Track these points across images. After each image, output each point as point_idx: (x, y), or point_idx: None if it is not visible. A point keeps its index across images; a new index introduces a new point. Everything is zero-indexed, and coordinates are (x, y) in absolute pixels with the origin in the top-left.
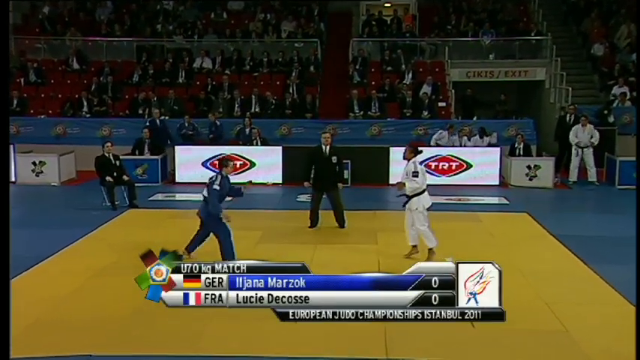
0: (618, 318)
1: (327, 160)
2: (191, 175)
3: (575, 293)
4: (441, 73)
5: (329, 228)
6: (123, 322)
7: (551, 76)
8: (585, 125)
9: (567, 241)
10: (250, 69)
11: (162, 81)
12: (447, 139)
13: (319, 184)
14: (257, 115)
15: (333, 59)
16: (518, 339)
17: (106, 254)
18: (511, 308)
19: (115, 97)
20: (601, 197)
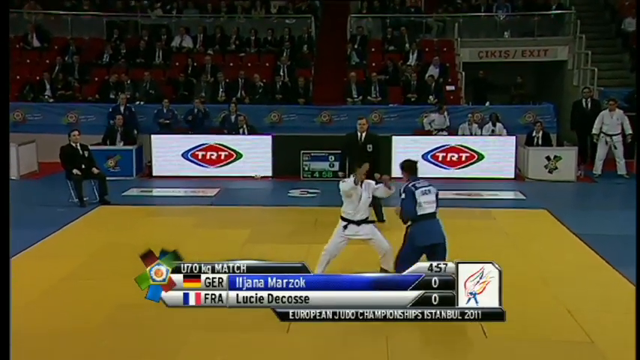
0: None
1: (362, 149)
2: (170, 168)
3: (600, 299)
4: (449, 53)
5: (324, 225)
6: (91, 333)
7: (575, 55)
8: (613, 110)
9: (591, 241)
10: (236, 49)
11: (136, 62)
12: (440, 121)
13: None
14: (244, 101)
15: (329, 38)
16: (537, 350)
17: (73, 257)
18: (529, 315)
19: (82, 80)
20: (630, 192)
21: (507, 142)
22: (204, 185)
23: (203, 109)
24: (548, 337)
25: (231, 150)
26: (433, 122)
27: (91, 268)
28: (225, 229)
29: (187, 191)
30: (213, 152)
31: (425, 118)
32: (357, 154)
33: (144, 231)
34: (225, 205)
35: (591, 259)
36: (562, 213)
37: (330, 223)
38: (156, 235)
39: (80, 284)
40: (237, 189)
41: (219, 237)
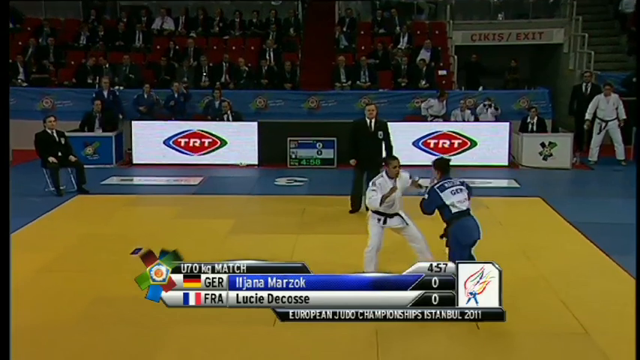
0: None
1: (373, 136)
2: (151, 156)
3: (596, 290)
4: (441, 36)
5: (311, 215)
6: (68, 327)
7: (571, 38)
8: (609, 95)
9: (588, 230)
10: (220, 32)
11: (115, 44)
12: (438, 108)
13: (364, 163)
14: (228, 86)
15: (317, 21)
16: (531, 342)
17: (50, 249)
18: (522, 306)
19: (58, 63)
20: (627, 179)
21: (501, 129)
22: (187, 174)
23: (185, 89)
24: (542, 329)
25: (215, 137)
26: (431, 108)
27: (68, 260)
28: (209, 219)
29: (169, 180)
30: (197, 139)
31: (423, 103)
32: (368, 143)
33: (124, 221)
34: (208, 195)
35: (587, 248)
36: (557, 201)
37: (318, 212)
38: (136, 225)
39: (56, 277)
40: (222, 177)
41: (203, 227)
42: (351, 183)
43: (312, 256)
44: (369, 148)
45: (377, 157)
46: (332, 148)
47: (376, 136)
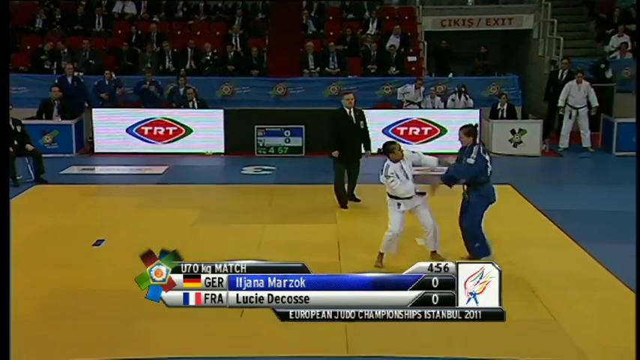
0: (614, 305)
1: (355, 127)
2: (114, 144)
3: (565, 278)
4: (411, 21)
5: (279, 204)
6: (24, 322)
7: (540, 24)
8: (581, 82)
9: (556, 216)
10: (184, 16)
11: (73, 28)
12: (414, 95)
13: (346, 153)
14: (193, 72)
15: (284, 5)
16: (500, 329)
17: None
18: None
19: (12, 48)
20: (596, 166)
21: (471, 115)
22: (151, 163)
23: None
24: (512, 316)
25: (180, 125)
26: (407, 94)
27: (26, 253)
28: (174, 209)
29: (133, 169)
30: (161, 127)
31: (399, 88)
32: (350, 132)
33: (84, 212)
34: (173, 184)
35: (556, 235)
36: (527, 188)
37: (286, 202)
38: (97, 216)
39: (14, 271)
40: (187, 166)
41: (167, 217)
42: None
43: (280, 246)
44: (352, 139)
45: (359, 147)
46: (300, 136)
47: (358, 127)
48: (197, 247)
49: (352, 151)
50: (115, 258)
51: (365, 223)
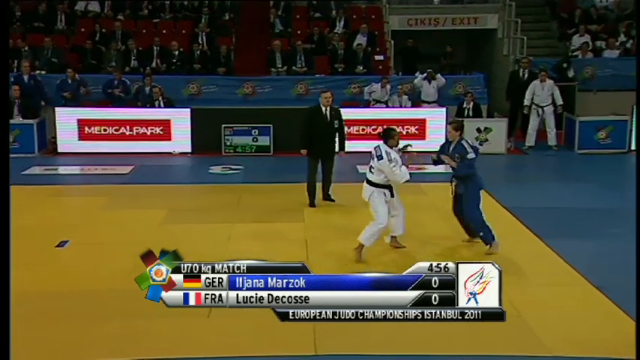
0: (576, 300)
1: (330, 125)
2: (78, 144)
3: (529, 273)
4: (378, 20)
5: (247, 203)
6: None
7: (505, 23)
8: (544, 81)
9: (521, 214)
10: (149, 14)
11: (34, 26)
12: (380, 93)
13: (319, 151)
14: (159, 71)
15: (251, 4)
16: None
17: None
18: None
19: None
20: (559, 164)
21: (438, 114)
22: (117, 162)
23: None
24: None
25: (146, 124)
26: (374, 93)
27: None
28: (140, 209)
29: (98, 169)
30: (127, 127)
31: (366, 87)
32: (324, 130)
33: (47, 213)
34: (139, 184)
35: (520, 232)
36: (492, 186)
37: (253, 201)
38: (61, 217)
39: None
40: (153, 166)
41: (133, 218)
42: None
43: (248, 245)
44: (325, 137)
45: (332, 145)
46: (268, 135)
47: (332, 125)
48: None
49: (325, 149)
50: (79, 259)
51: (333, 221)
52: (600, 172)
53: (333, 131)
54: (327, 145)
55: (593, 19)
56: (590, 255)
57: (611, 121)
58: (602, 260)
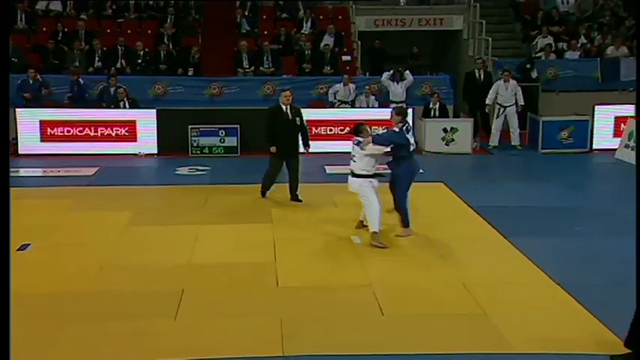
0: (540, 298)
1: (292, 123)
2: (40, 146)
3: (494, 272)
4: (345, 21)
5: (215, 204)
6: None
7: (470, 24)
8: (508, 81)
9: (486, 213)
10: (113, 14)
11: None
12: (344, 93)
13: (282, 150)
14: (124, 71)
15: (217, 4)
16: (432, 325)
17: None
18: (425, 290)
19: None
20: (523, 163)
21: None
22: (81, 164)
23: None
24: (443, 311)
25: (111, 125)
26: (337, 93)
27: None
28: (105, 211)
29: (61, 171)
30: (91, 127)
31: (330, 89)
32: (286, 128)
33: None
34: (104, 185)
35: (486, 231)
36: (458, 186)
37: (221, 202)
38: (23, 220)
39: None
40: (119, 168)
41: (98, 220)
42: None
43: (215, 247)
44: (288, 136)
45: (295, 144)
46: (235, 136)
47: (294, 123)
48: (130, 249)
49: (288, 148)
50: (41, 262)
51: (301, 221)
52: (563, 171)
53: (295, 129)
54: (290, 144)
55: (554, 21)
56: (554, 253)
57: (573, 121)
58: (565, 258)
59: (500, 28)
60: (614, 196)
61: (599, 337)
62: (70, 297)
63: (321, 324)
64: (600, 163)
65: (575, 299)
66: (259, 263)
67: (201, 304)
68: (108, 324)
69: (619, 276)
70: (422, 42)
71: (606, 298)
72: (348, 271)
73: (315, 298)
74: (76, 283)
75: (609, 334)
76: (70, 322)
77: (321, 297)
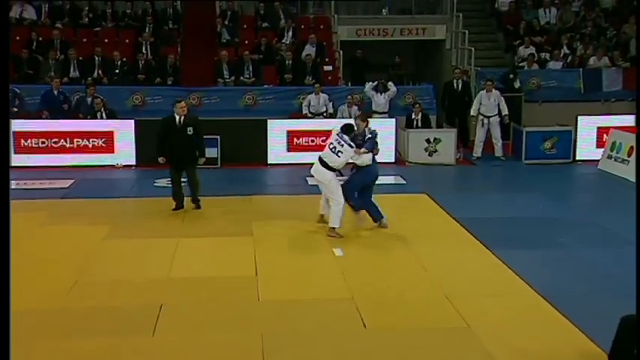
0: (523, 310)
1: (182, 132)
2: (13, 158)
3: (477, 284)
4: (326, 30)
5: (195, 217)
6: None
7: (452, 34)
8: (490, 91)
9: (469, 224)
10: (90, 23)
11: None
12: (316, 104)
13: (175, 160)
14: (101, 81)
15: (196, 13)
16: (415, 339)
17: None
18: (408, 303)
19: None
20: (507, 174)
21: (387, 125)
22: (56, 176)
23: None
24: (426, 324)
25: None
26: (311, 105)
27: None
28: (81, 224)
29: (36, 183)
30: (66, 139)
31: (303, 103)
32: (178, 138)
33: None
34: (80, 198)
35: (469, 242)
36: (441, 197)
37: (200, 214)
38: None
39: None
40: (96, 180)
41: (74, 233)
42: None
43: (195, 260)
44: (179, 146)
45: (188, 154)
46: (215, 147)
47: (186, 132)
48: (107, 263)
49: (180, 158)
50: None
51: (282, 233)
52: (546, 182)
53: (187, 140)
54: (182, 154)
55: (536, 31)
56: (537, 264)
57: (556, 132)
58: (548, 269)
59: (482, 37)
60: (597, 207)
61: (583, 349)
62: (44, 313)
63: (304, 338)
64: (583, 174)
65: (558, 310)
66: (240, 277)
67: (180, 320)
68: (83, 341)
69: (602, 287)
70: (404, 52)
71: (590, 310)
72: (330, 284)
73: (297, 312)
74: (50, 298)
75: (593, 346)
76: (43, 339)
77: (303, 311)
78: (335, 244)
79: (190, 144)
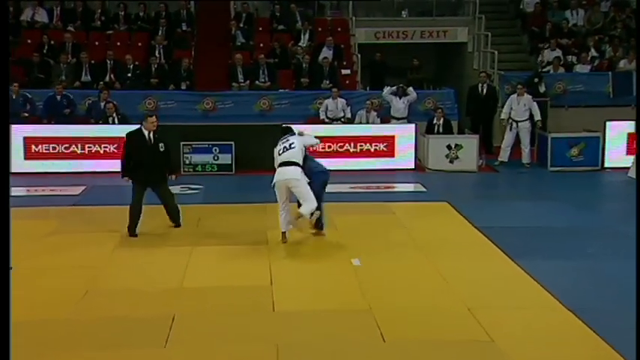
0: (550, 324)
1: (153, 149)
2: (23, 163)
3: (501, 296)
4: (344, 33)
5: (207, 225)
6: None
7: (475, 37)
8: (522, 95)
9: (492, 233)
10: (102, 26)
11: None
12: (334, 109)
13: (143, 177)
14: (113, 86)
15: (211, 15)
16: (436, 352)
17: None
18: (429, 315)
19: None
20: (531, 181)
21: (406, 131)
22: (67, 183)
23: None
24: (447, 337)
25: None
26: (328, 110)
27: None
28: (92, 232)
29: (46, 190)
30: (78, 144)
31: (320, 109)
32: (148, 155)
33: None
34: (91, 205)
35: (492, 252)
36: (463, 205)
37: (214, 222)
38: None
39: None
40: (107, 186)
41: (84, 242)
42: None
43: (209, 270)
44: (149, 163)
45: (159, 170)
46: (230, 153)
47: (158, 149)
48: (118, 273)
49: (149, 174)
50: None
51: (298, 243)
52: (573, 190)
53: (158, 156)
54: (152, 171)
55: (563, 33)
56: (563, 276)
57: (583, 138)
58: (576, 282)
59: (506, 40)
60: (625, 216)
61: None
62: (54, 324)
63: (320, 351)
64: (612, 182)
65: (586, 324)
66: (254, 287)
67: (193, 331)
68: (94, 353)
69: (630, 299)
70: (425, 55)
71: (617, 323)
72: (348, 294)
73: (313, 323)
74: (60, 309)
75: None
76: (53, 351)
77: (320, 322)
78: (353, 254)
79: (162, 161)
